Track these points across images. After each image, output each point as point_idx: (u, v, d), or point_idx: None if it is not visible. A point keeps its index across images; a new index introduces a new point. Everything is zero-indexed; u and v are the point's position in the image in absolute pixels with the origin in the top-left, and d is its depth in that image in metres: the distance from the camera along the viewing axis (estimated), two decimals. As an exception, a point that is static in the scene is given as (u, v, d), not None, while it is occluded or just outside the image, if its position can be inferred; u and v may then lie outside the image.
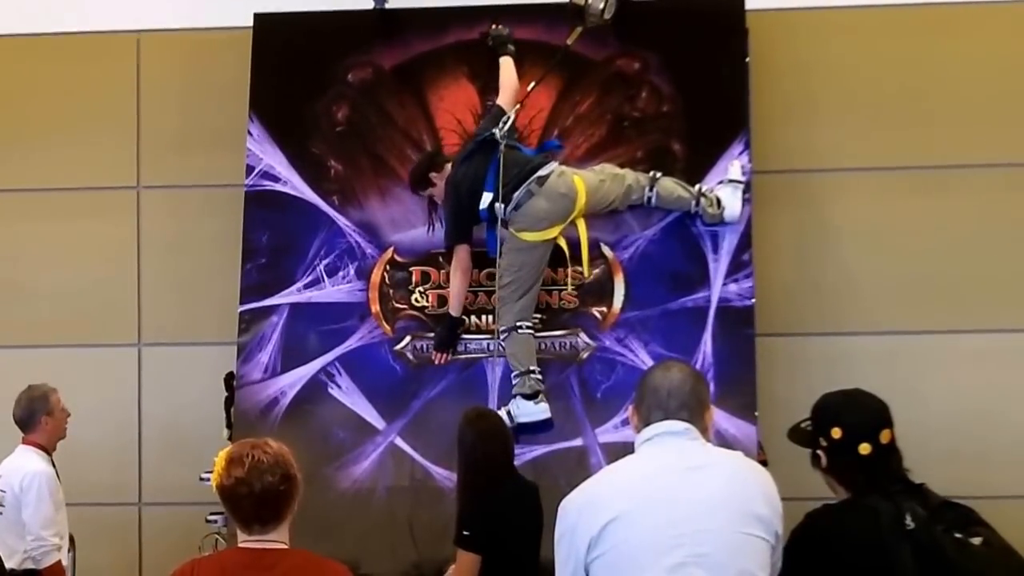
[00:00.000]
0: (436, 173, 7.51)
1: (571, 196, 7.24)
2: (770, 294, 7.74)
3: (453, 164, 7.48)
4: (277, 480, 3.96)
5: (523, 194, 7.19)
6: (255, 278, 7.68)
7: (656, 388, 3.98)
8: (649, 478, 3.88)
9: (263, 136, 7.83)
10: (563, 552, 3.90)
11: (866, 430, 4.15)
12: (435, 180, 7.51)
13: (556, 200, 7.22)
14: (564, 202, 7.23)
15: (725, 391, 7.01)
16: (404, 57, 7.97)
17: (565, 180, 7.26)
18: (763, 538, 3.82)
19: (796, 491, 4.41)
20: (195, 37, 8.49)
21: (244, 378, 7.55)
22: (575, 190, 7.24)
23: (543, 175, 7.24)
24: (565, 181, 7.26)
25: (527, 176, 7.23)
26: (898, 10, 8.22)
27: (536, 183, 7.21)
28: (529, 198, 7.20)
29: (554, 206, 7.22)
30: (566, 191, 7.24)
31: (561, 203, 7.23)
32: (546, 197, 7.21)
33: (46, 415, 7.28)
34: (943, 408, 7.84)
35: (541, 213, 7.21)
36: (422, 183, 7.56)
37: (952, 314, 7.99)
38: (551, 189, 7.22)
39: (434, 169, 7.53)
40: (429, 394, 7.45)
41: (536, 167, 7.27)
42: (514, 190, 7.20)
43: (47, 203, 8.57)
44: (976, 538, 3.97)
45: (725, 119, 7.66)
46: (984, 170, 8.08)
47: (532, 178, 7.22)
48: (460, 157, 7.48)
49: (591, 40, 7.72)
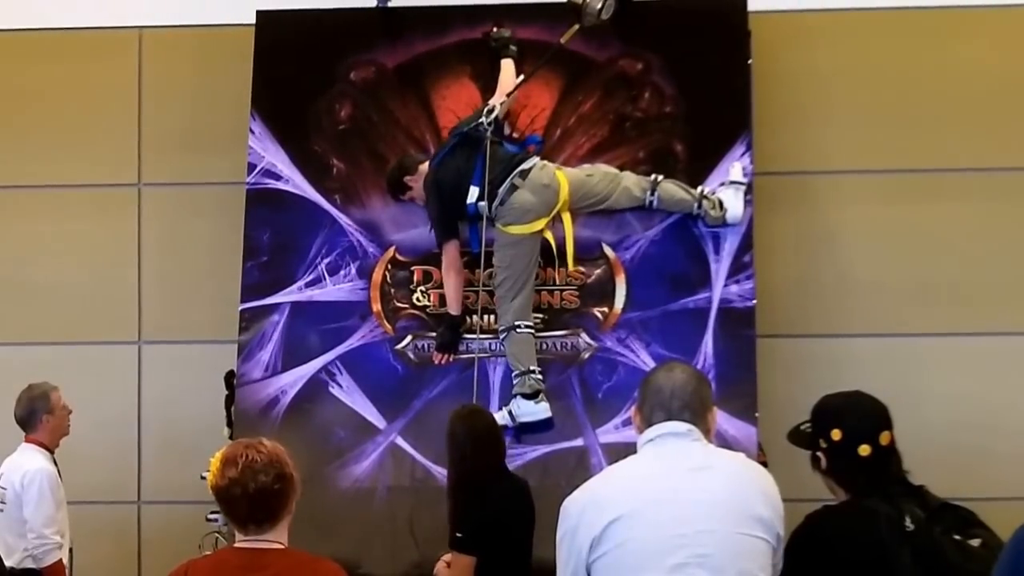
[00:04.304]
0: (410, 176, 7.51)
1: (554, 187, 7.27)
2: (771, 295, 7.74)
3: (430, 163, 7.48)
4: (271, 480, 3.94)
5: (507, 188, 7.22)
6: (256, 276, 7.67)
7: (659, 389, 3.98)
8: (651, 479, 3.88)
9: (265, 134, 7.82)
10: (564, 552, 3.90)
11: (866, 432, 4.16)
12: (410, 183, 7.51)
13: (540, 192, 7.25)
14: (548, 193, 7.26)
15: (725, 392, 6.98)
16: (407, 56, 7.96)
17: (547, 172, 7.31)
18: (764, 539, 3.82)
19: (796, 492, 4.41)
20: (197, 34, 8.48)
21: (244, 377, 7.53)
22: (557, 181, 7.28)
23: (526, 168, 7.27)
24: (547, 173, 7.30)
25: (510, 171, 7.25)
26: (900, 13, 8.22)
27: (519, 176, 7.25)
28: (513, 191, 7.23)
29: (538, 198, 7.24)
30: (549, 182, 7.27)
31: (545, 194, 7.25)
32: (530, 189, 7.24)
33: (47, 413, 7.30)
34: (943, 410, 7.85)
35: (527, 205, 7.23)
36: (398, 188, 7.57)
37: (952, 316, 8.00)
38: (534, 181, 7.25)
39: (407, 173, 7.53)
40: (430, 394, 7.43)
41: (518, 162, 7.30)
42: (498, 186, 7.22)
43: (48, 200, 8.57)
44: (975, 540, 4.00)
45: (727, 121, 7.65)
46: (985, 173, 8.09)
47: (515, 172, 7.24)
48: (440, 154, 7.49)
49: (593, 40, 7.72)
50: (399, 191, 7.58)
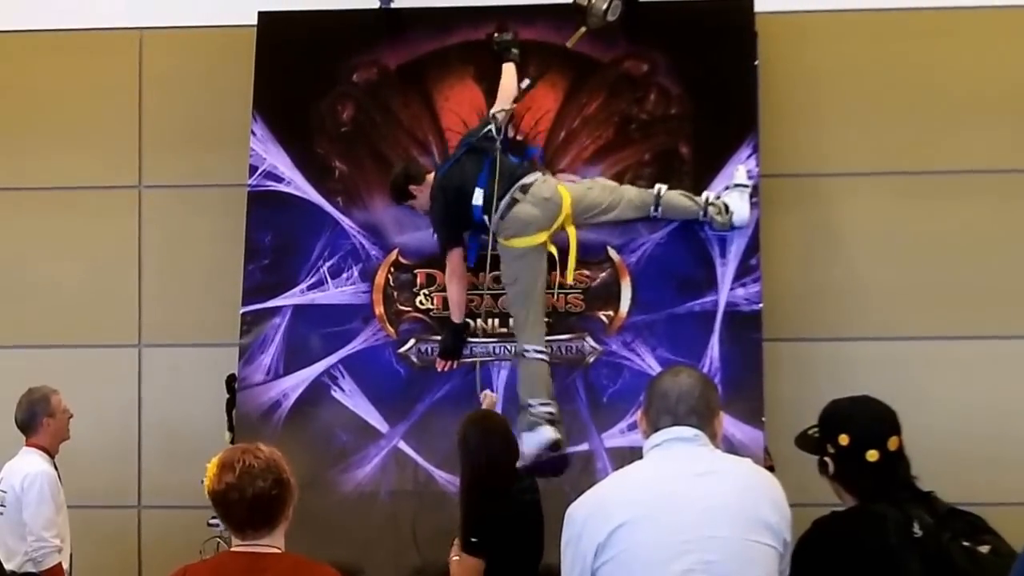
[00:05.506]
0: (416, 185, 7.47)
1: (556, 200, 7.22)
2: (778, 298, 7.71)
3: (436, 172, 7.45)
4: (269, 485, 3.94)
5: (507, 202, 7.18)
6: (258, 279, 7.65)
7: (665, 393, 3.95)
8: (657, 484, 3.86)
9: (266, 136, 7.80)
10: (569, 557, 3.88)
11: (874, 437, 4.13)
12: (415, 192, 7.46)
13: (541, 204, 7.20)
14: (549, 206, 7.21)
15: (732, 396, 6.96)
16: (409, 57, 7.94)
17: (549, 185, 7.27)
18: (771, 545, 3.80)
19: (803, 498, 4.37)
20: (198, 35, 8.46)
21: (246, 380, 7.52)
22: (559, 194, 7.24)
23: (527, 183, 7.23)
24: (549, 186, 7.26)
25: (511, 185, 7.21)
26: (907, 14, 8.20)
27: (520, 191, 7.20)
28: (514, 205, 7.19)
29: (540, 211, 7.20)
30: (550, 195, 7.23)
31: (547, 207, 7.21)
32: (531, 202, 7.20)
33: (47, 417, 7.29)
34: (951, 414, 7.82)
35: (528, 218, 7.19)
36: (402, 195, 7.53)
37: (961, 319, 7.97)
38: (535, 195, 7.21)
39: (413, 181, 7.48)
40: (433, 397, 7.42)
41: (520, 175, 7.26)
42: (499, 199, 7.18)
43: (48, 202, 8.55)
44: (984, 546, 3.97)
45: (733, 122, 7.64)
46: (995, 175, 8.06)
47: (516, 186, 7.20)
48: (447, 164, 7.46)
49: (599, 41, 7.70)
50: (402, 197, 7.54)
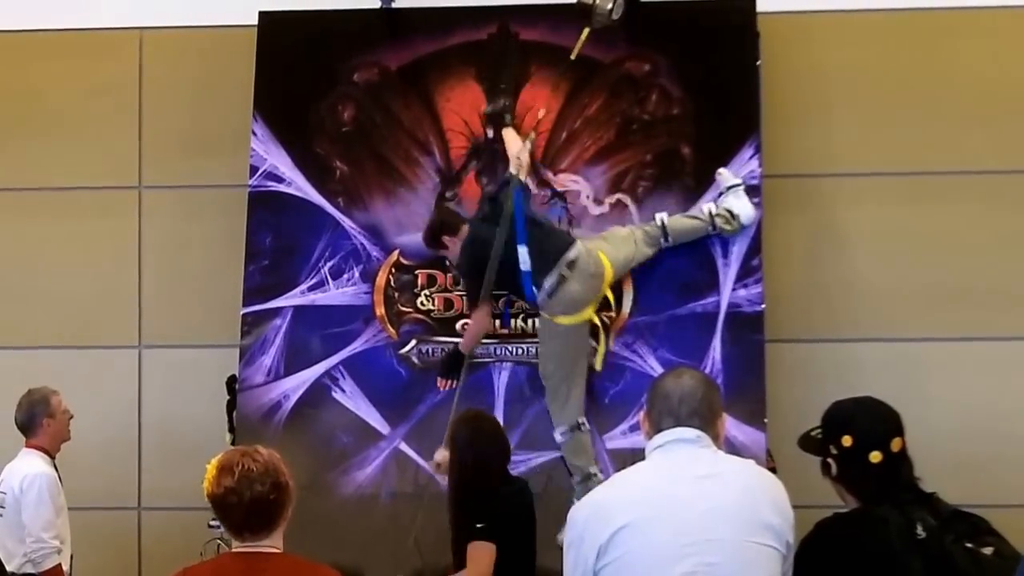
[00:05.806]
0: (450, 236, 7.37)
1: (600, 274, 7.16)
2: (780, 299, 7.70)
3: (469, 225, 7.37)
4: (267, 489, 3.93)
5: (555, 280, 7.08)
6: (258, 280, 7.65)
7: (667, 394, 3.93)
8: (659, 486, 3.84)
9: (267, 136, 7.80)
10: (571, 560, 3.86)
11: (877, 438, 4.12)
12: (448, 243, 7.37)
13: (587, 281, 7.13)
14: (594, 282, 7.15)
15: (734, 397, 6.95)
16: (410, 57, 7.93)
17: (593, 259, 7.15)
18: (774, 547, 3.78)
19: (806, 499, 4.38)
20: (199, 35, 8.44)
21: (246, 381, 7.52)
22: (603, 267, 7.17)
23: (571, 259, 7.11)
24: (593, 260, 7.15)
25: (555, 259, 7.10)
26: (910, 14, 8.18)
27: (567, 267, 7.09)
28: (562, 283, 7.09)
29: (586, 288, 7.13)
30: (595, 271, 7.15)
31: (592, 284, 7.15)
32: (578, 280, 7.11)
33: (47, 418, 7.27)
34: (954, 415, 7.80)
35: (578, 296, 7.12)
36: (435, 244, 7.45)
37: (964, 320, 7.95)
38: (583, 271, 7.11)
39: (448, 232, 7.38)
40: (434, 399, 7.42)
41: (562, 250, 7.14)
42: (541, 273, 7.09)
43: (47, 202, 8.53)
44: (987, 548, 3.95)
45: (735, 123, 7.63)
46: (997, 176, 8.04)
47: (562, 262, 7.10)
48: (475, 219, 7.41)
49: (600, 42, 7.68)
50: (435, 246, 7.45)
